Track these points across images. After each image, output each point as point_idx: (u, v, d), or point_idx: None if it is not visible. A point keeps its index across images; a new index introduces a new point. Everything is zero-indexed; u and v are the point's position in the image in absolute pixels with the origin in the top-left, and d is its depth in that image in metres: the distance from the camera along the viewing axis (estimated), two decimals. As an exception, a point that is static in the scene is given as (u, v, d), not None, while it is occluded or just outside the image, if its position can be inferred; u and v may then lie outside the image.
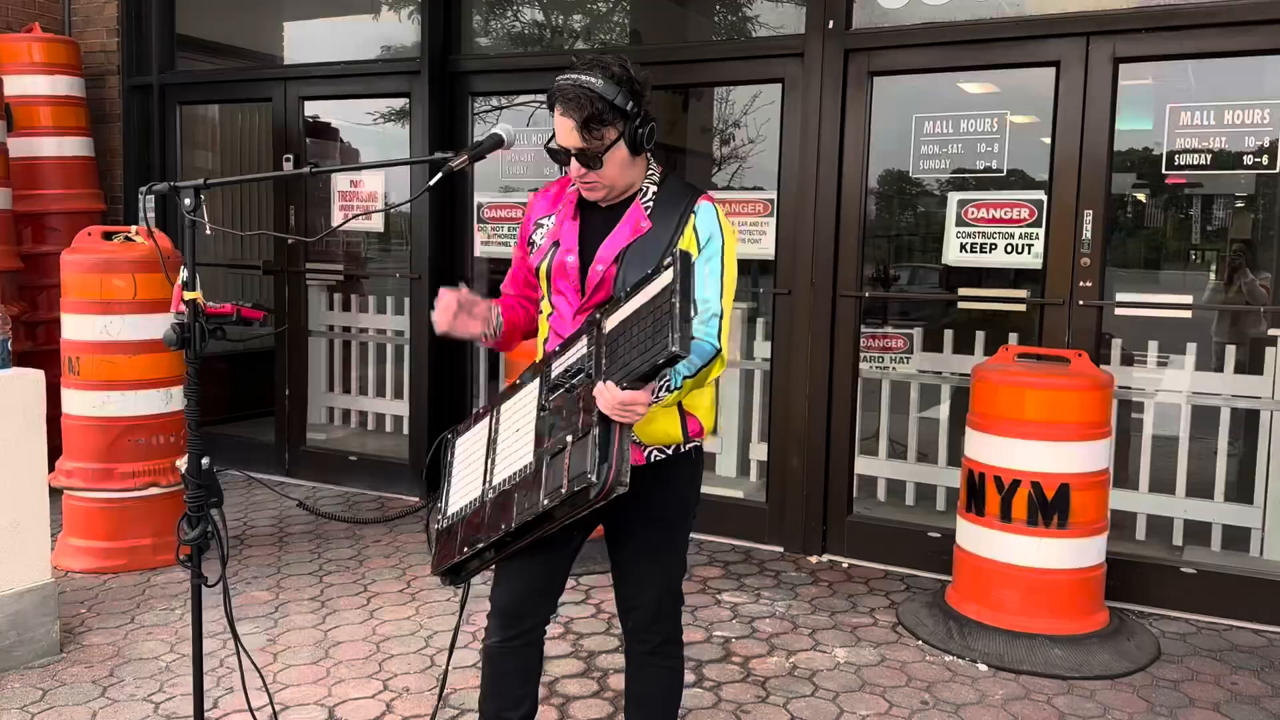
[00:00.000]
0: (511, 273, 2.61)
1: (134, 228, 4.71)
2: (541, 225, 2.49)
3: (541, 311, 2.54)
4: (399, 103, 6.59)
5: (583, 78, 2.25)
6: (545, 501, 2.12)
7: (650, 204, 2.38)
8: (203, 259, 2.50)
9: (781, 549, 4.98)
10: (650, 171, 2.43)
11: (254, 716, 2.74)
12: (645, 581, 2.51)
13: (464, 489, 2.45)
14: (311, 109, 6.33)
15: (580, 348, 2.24)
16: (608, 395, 2.06)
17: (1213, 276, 6.04)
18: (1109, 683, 3.60)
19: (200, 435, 2.48)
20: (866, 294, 4.98)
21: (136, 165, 6.55)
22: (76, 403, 4.53)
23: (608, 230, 2.39)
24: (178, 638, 3.83)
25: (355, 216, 4.63)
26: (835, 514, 4.91)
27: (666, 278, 2.03)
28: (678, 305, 1.97)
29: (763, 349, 5.39)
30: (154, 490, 4.57)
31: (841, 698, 3.46)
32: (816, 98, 4.78)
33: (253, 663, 2.84)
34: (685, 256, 2.04)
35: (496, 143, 2.36)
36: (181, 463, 2.47)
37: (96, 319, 4.45)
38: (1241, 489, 4.71)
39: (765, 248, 5.03)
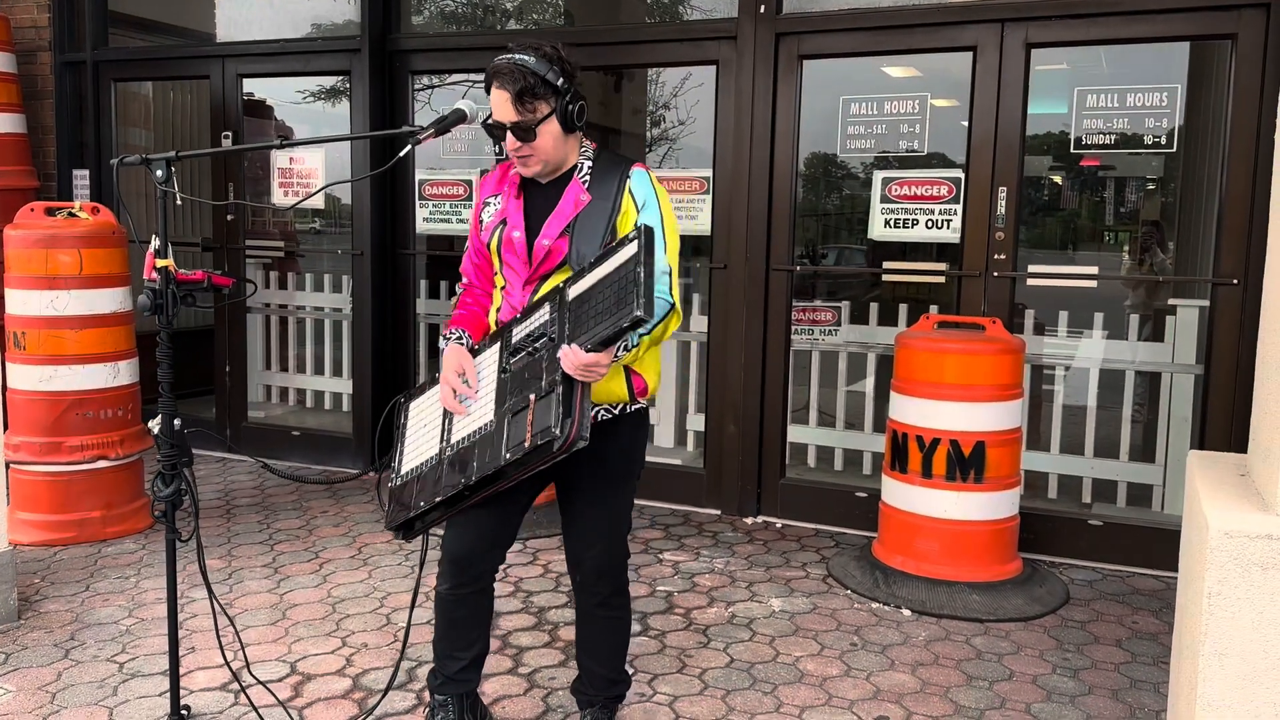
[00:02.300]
0: (468, 252, 2.78)
1: (77, 203, 4.73)
2: (489, 204, 2.68)
3: (495, 285, 2.71)
4: (331, 81, 6.64)
5: (516, 56, 2.46)
6: (507, 455, 2.27)
7: (587, 178, 2.57)
8: (142, 236, 2.61)
9: (719, 511, 5.21)
10: (583, 149, 2.62)
11: (229, 666, 2.87)
12: (592, 536, 2.68)
13: (419, 449, 2.59)
14: (246, 87, 6.34)
15: (542, 314, 2.39)
16: (572, 357, 2.23)
17: (1126, 256, 6.41)
18: (1022, 624, 3.90)
19: (167, 401, 2.60)
20: (797, 268, 5.21)
21: (69, 142, 6.50)
22: (22, 377, 4.55)
23: (549, 206, 2.57)
24: (135, 603, 3.92)
25: (325, 188, 4.70)
26: (769, 478, 5.15)
27: (631, 249, 2.21)
28: (642, 274, 2.15)
29: (699, 323, 5.59)
30: (102, 463, 4.61)
31: (777, 641, 3.69)
32: (749, 80, 4.98)
33: (225, 612, 2.97)
34: (649, 230, 2.22)
35: (460, 117, 2.51)
36: (154, 423, 2.58)
37: (43, 294, 4.47)
38: (1145, 449, 5.07)
39: (702, 224, 5.22)
